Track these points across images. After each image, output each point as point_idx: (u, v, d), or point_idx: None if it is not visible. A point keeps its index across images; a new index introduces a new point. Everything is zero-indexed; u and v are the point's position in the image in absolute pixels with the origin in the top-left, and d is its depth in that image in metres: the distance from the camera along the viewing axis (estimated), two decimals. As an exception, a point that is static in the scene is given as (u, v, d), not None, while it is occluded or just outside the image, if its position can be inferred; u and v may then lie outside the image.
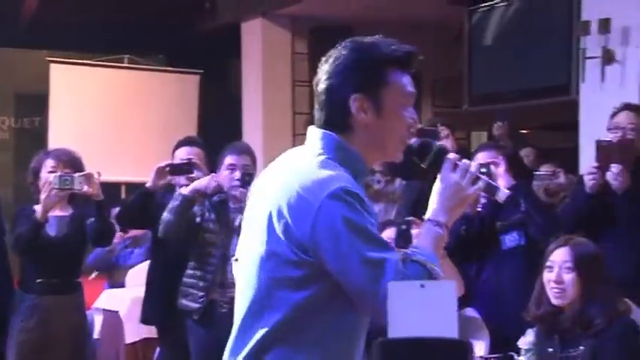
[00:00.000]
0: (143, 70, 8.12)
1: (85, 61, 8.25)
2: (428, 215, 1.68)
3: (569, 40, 5.20)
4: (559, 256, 2.56)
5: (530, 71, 5.60)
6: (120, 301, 4.80)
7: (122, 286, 5.12)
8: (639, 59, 4.51)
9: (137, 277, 4.79)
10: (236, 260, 1.75)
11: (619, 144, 3.28)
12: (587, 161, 3.48)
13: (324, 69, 1.70)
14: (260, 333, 1.62)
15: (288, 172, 1.65)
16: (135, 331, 4.60)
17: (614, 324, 2.45)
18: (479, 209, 3.55)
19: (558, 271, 2.55)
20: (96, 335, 4.90)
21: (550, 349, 2.57)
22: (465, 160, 1.69)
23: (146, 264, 4.35)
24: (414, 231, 3.12)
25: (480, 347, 2.87)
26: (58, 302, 3.78)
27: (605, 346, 2.43)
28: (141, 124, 7.67)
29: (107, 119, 7.50)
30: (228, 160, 3.61)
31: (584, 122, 4.75)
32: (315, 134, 1.69)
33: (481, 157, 3.52)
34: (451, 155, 1.70)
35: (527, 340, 2.69)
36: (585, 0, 4.79)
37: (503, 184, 3.36)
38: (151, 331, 4.38)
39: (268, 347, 1.62)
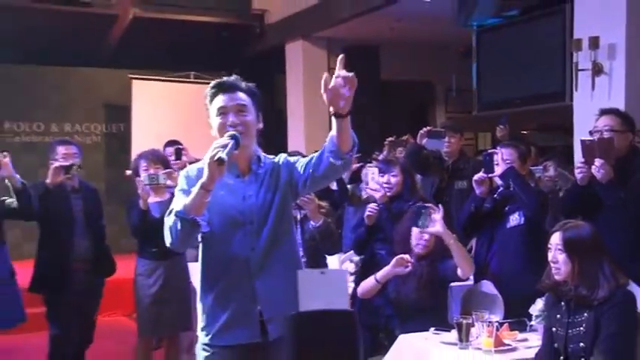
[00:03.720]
0: (206, 84, 8.15)
1: (159, 77, 8.34)
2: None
3: (564, 55, 5.12)
4: (554, 239, 2.50)
5: (530, 82, 5.51)
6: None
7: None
8: (624, 71, 4.42)
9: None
10: None
11: (599, 142, 3.24)
12: (579, 158, 3.43)
13: None
14: None
15: None
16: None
17: (615, 294, 2.38)
18: (495, 196, 3.64)
19: (554, 252, 2.49)
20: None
21: (558, 316, 2.51)
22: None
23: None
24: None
25: (496, 317, 2.83)
26: (169, 265, 4.03)
27: (606, 313, 2.36)
28: (204, 131, 7.72)
29: (178, 126, 7.56)
30: None
31: (578, 125, 4.66)
32: None
33: (504, 151, 3.65)
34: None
35: (537, 307, 2.65)
36: (577, 20, 4.70)
37: (499, 169, 3.56)
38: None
39: None
